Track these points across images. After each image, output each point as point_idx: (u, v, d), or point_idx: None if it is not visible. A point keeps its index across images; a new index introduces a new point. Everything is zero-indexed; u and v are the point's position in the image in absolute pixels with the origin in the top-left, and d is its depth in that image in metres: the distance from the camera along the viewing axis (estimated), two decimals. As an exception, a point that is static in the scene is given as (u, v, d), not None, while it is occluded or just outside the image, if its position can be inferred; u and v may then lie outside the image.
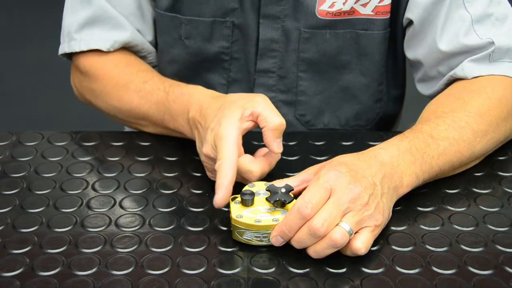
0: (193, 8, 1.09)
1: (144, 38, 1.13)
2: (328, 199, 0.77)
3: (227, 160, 0.81)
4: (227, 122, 0.83)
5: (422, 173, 0.86)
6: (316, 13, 1.06)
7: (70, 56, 1.13)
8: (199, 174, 0.95)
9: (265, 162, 0.88)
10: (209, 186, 0.92)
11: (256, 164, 0.86)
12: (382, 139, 1.01)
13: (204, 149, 0.86)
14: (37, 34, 3.36)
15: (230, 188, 0.80)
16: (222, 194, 0.80)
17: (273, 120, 0.85)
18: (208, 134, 0.85)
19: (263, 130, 0.86)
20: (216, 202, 0.80)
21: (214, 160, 0.85)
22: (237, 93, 0.92)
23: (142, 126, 1.04)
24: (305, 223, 0.76)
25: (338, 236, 0.75)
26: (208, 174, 0.91)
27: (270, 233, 0.79)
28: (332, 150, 1.00)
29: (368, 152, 0.84)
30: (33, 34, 3.38)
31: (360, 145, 1.01)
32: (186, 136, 0.96)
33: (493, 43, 0.99)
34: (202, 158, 0.90)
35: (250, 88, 1.14)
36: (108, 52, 1.08)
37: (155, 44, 1.17)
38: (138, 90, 1.01)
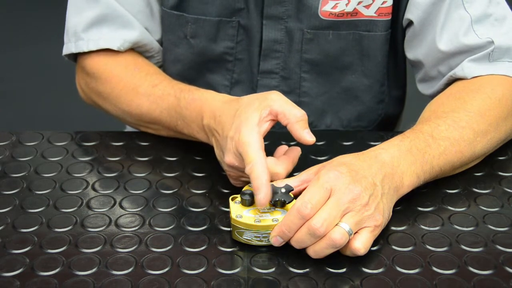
0: (199, 7, 1.09)
1: (152, 37, 1.12)
2: (328, 199, 0.77)
3: (257, 161, 0.80)
4: (246, 128, 0.82)
5: (423, 173, 0.86)
6: (319, 14, 1.06)
7: (75, 57, 1.12)
8: (199, 174, 0.95)
9: (288, 161, 0.87)
10: (209, 186, 0.92)
11: (280, 166, 0.85)
12: (382, 139, 1.01)
13: (227, 158, 0.85)
14: (37, 34, 3.36)
15: (269, 186, 0.79)
16: (263, 193, 0.78)
17: (294, 115, 0.84)
18: (228, 143, 0.84)
19: (288, 127, 0.84)
20: (260, 202, 0.78)
21: (238, 168, 0.85)
22: (244, 95, 0.91)
23: (154, 130, 1.03)
24: (304, 223, 0.76)
25: (337, 236, 0.75)
26: (233, 181, 0.90)
27: (269, 233, 0.79)
28: (332, 150, 1.00)
29: (369, 152, 0.84)
30: (33, 34, 3.38)
31: (360, 145, 1.01)
32: (201, 141, 0.95)
33: (492, 42, 0.99)
34: (225, 167, 0.89)
35: (253, 89, 1.14)
36: (116, 53, 1.07)
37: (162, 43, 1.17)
38: (148, 95, 1.00)
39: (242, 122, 0.83)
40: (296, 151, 0.89)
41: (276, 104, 0.84)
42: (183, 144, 1.00)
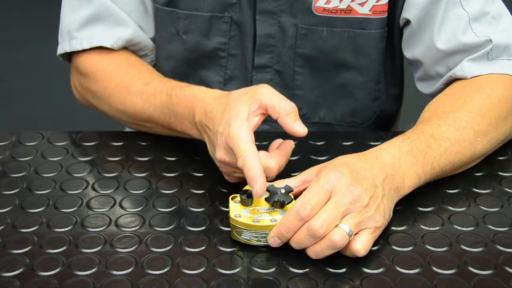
0: (191, 2, 1.09)
1: (145, 35, 1.12)
2: (329, 200, 0.77)
3: (249, 153, 0.79)
4: (236, 123, 0.82)
5: (424, 174, 0.86)
6: (313, 10, 1.06)
7: (69, 57, 1.12)
8: (199, 174, 0.95)
9: (281, 155, 0.86)
10: (209, 186, 0.92)
11: (272, 159, 0.84)
12: (382, 139, 1.01)
13: (218, 154, 0.85)
14: (37, 34, 3.36)
15: (264, 177, 0.78)
16: (259, 184, 0.78)
17: (283, 108, 0.83)
18: (218, 139, 0.84)
19: (278, 121, 0.84)
20: (257, 193, 0.78)
21: (230, 164, 0.85)
22: (236, 89, 0.91)
23: (148, 128, 1.03)
24: (303, 224, 0.76)
25: (337, 238, 0.75)
26: (226, 177, 0.90)
27: (268, 233, 0.79)
28: (332, 150, 1.00)
29: (370, 153, 0.84)
30: (33, 34, 3.38)
31: (360, 145, 1.01)
32: (195, 138, 0.95)
33: (490, 41, 0.99)
34: (217, 163, 0.89)
35: (247, 84, 1.14)
36: (109, 52, 1.07)
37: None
38: (141, 93, 1.00)
39: (232, 117, 0.83)
40: (289, 145, 0.88)
41: (266, 98, 0.84)
42: (183, 144, 1.00)
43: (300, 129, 0.83)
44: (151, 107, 0.99)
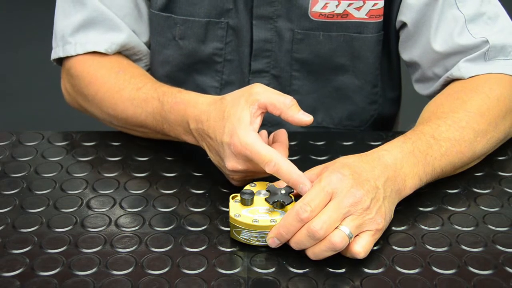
0: (187, 8, 1.08)
1: (139, 40, 1.11)
2: (329, 201, 0.77)
3: (277, 157, 0.80)
4: (242, 130, 0.82)
5: (425, 175, 0.86)
6: (309, 15, 1.06)
7: (61, 61, 1.11)
8: (199, 174, 0.95)
9: (282, 147, 0.87)
10: (209, 186, 0.92)
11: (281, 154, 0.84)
12: (382, 139, 1.01)
13: (229, 164, 0.84)
14: (37, 34, 3.36)
15: (303, 175, 0.79)
16: (308, 183, 0.78)
17: (283, 102, 0.83)
18: (226, 149, 0.84)
19: (282, 116, 0.84)
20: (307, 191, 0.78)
21: (242, 171, 0.85)
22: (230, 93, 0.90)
23: (141, 133, 1.02)
24: (303, 226, 0.76)
25: (337, 240, 0.75)
26: (234, 182, 0.90)
27: (267, 233, 0.79)
28: (332, 150, 1.00)
29: (372, 154, 0.84)
30: (33, 34, 3.38)
31: (360, 145, 1.01)
32: (190, 143, 0.94)
33: (487, 41, 0.99)
34: (226, 172, 0.88)
35: None
36: (101, 55, 1.06)
37: (150, 45, 1.16)
38: (132, 99, 0.99)
39: (235, 125, 0.82)
40: (284, 134, 0.89)
41: (263, 97, 0.84)
42: (183, 144, 1.00)
43: (306, 118, 0.84)
44: (143, 113, 0.97)
